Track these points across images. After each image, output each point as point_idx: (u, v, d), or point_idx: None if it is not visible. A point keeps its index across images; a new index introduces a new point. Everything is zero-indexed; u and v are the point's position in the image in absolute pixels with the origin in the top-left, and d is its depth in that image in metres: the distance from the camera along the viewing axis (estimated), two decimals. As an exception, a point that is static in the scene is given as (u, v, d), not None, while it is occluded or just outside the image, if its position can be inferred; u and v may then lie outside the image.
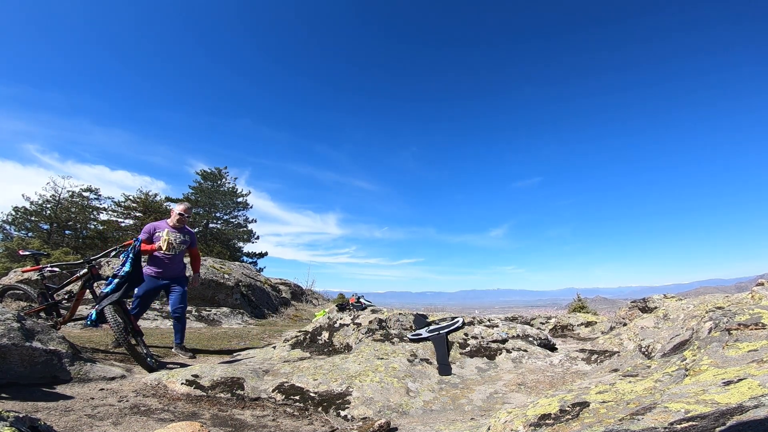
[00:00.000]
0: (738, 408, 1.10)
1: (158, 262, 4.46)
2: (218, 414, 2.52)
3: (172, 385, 2.88)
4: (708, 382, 1.46)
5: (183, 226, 4.66)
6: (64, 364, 2.92)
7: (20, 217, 24.33)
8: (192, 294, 8.20)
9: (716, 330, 2.01)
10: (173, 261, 4.54)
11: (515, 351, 3.61)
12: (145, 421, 2.26)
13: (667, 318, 3.69)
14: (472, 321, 4.34)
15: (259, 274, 12.71)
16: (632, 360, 2.88)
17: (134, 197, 26.32)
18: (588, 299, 13.85)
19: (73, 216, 25.96)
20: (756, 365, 1.50)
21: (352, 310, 5.53)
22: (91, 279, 3.92)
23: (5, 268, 15.99)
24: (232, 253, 26.39)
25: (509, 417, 1.69)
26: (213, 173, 29.42)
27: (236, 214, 29.59)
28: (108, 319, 3.46)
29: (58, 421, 2.13)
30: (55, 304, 4.18)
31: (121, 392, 2.81)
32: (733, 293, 3.83)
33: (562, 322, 5.77)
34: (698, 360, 1.76)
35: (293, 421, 2.50)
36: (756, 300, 2.46)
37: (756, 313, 2.01)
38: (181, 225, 4.63)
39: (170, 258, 4.49)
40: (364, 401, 2.68)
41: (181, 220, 4.61)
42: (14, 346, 2.70)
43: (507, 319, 6.64)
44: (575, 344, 4.34)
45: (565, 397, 1.72)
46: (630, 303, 5.35)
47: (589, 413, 1.51)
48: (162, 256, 4.45)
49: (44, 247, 20.76)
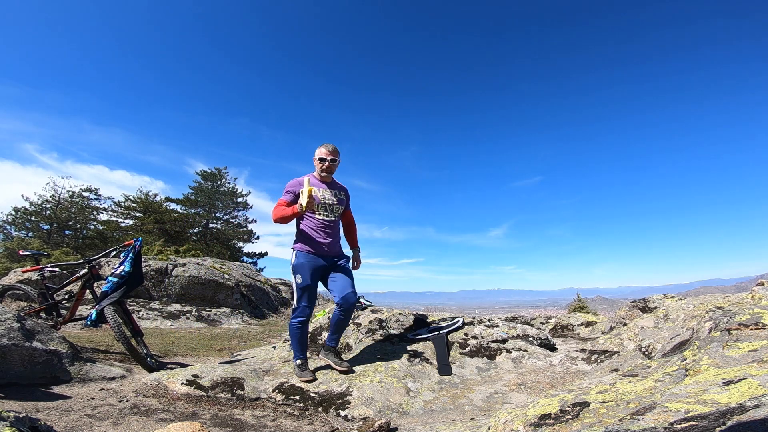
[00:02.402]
0: (738, 408, 1.10)
1: (309, 234, 3.17)
2: (218, 414, 2.52)
3: (172, 385, 2.88)
4: (708, 382, 1.46)
5: (332, 179, 3.35)
6: (64, 364, 2.92)
7: (20, 217, 24.35)
8: (191, 294, 8.21)
9: (716, 330, 2.01)
10: (332, 230, 3.24)
11: (515, 351, 3.61)
12: (145, 421, 2.26)
13: (667, 318, 3.69)
14: (472, 321, 4.34)
15: (259, 274, 12.71)
16: (632, 360, 2.88)
17: (134, 197, 26.33)
18: (588, 299, 13.86)
19: (73, 216, 25.97)
20: (756, 365, 1.50)
21: (352, 310, 5.53)
22: (91, 279, 3.92)
23: (5, 268, 16.00)
24: (232, 253, 26.40)
25: (509, 417, 1.69)
26: (213, 173, 29.43)
27: (236, 214, 29.61)
28: (108, 319, 3.46)
29: (58, 421, 2.13)
30: (55, 304, 4.18)
31: (121, 392, 2.81)
32: (733, 293, 3.83)
33: (562, 322, 5.77)
34: (698, 360, 1.76)
35: (293, 421, 2.50)
36: (756, 300, 2.46)
37: (756, 313, 2.01)
38: (330, 176, 3.29)
39: (326, 225, 3.20)
40: (364, 401, 2.68)
41: (329, 168, 3.23)
42: (14, 346, 2.70)
43: (507, 319, 6.64)
44: (575, 344, 4.34)
45: (565, 397, 1.72)
46: (630, 303, 5.35)
47: (590, 413, 1.51)
48: (314, 223, 3.17)
49: (44, 247, 20.77)
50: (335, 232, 3.30)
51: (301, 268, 3.14)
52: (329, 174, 3.27)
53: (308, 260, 3.14)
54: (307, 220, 3.21)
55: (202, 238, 26.48)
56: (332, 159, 3.22)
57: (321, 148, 3.23)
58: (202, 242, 25.51)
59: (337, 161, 3.26)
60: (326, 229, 3.20)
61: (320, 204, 3.18)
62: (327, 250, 3.20)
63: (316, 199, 3.14)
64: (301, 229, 3.23)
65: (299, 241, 3.22)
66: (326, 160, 3.21)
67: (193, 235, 26.73)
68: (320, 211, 3.19)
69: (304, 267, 3.13)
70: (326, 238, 3.19)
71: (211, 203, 28.29)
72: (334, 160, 3.23)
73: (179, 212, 26.81)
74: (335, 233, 3.30)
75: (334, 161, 3.24)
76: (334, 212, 3.25)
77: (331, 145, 3.24)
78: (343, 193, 3.37)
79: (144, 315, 6.97)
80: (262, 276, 12.50)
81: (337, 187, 3.34)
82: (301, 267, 3.14)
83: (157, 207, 25.80)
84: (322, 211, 3.20)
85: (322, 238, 3.18)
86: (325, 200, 3.21)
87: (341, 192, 3.36)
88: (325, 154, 3.20)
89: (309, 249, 3.17)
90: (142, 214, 25.34)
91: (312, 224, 3.19)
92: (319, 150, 3.24)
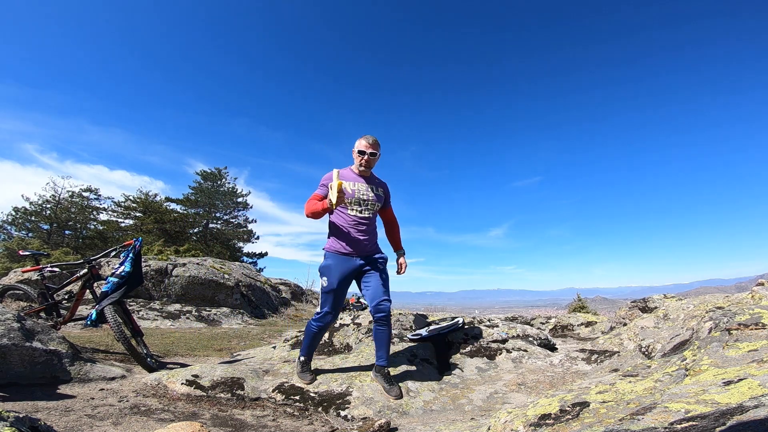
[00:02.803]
0: (738, 408, 1.10)
1: (340, 232, 2.91)
2: (218, 414, 2.52)
3: (172, 385, 2.88)
4: (708, 382, 1.46)
5: (371, 174, 3.10)
6: (64, 364, 2.92)
7: (20, 217, 24.37)
8: (191, 294, 8.21)
9: (716, 330, 2.01)
10: (366, 227, 2.95)
11: (515, 351, 3.61)
12: (145, 421, 2.26)
13: (667, 318, 3.69)
14: (472, 321, 4.34)
15: (259, 274, 12.72)
16: (632, 360, 2.88)
17: (134, 197, 26.35)
18: (588, 299, 13.86)
19: (73, 216, 25.99)
20: (756, 365, 1.50)
21: (352, 310, 5.54)
22: (91, 279, 3.92)
23: (5, 268, 16.00)
24: (232, 253, 26.41)
25: (509, 417, 1.69)
26: (213, 173, 29.45)
27: (236, 214, 29.62)
28: (108, 319, 3.46)
29: (58, 421, 2.13)
30: (55, 304, 4.17)
31: (121, 392, 2.81)
32: (733, 293, 3.83)
33: (562, 322, 5.77)
34: (698, 360, 1.76)
35: (293, 421, 2.50)
36: (756, 300, 2.46)
37: (756, 313, 2.01)
38: (368, 170, 3.03)
39: (360, 222, 2.92)
40: (364, 401, 2.68)
41: (368, 162, 2.96)
42: (14, 346, 2.70)
43: (507, 319, 6.64)
44: (575, 344, 4.34)
45: (565, 397, 1.72)
46: (630, 303, 5.35)
47: (590, 413, 1.51)
48: (346, 220, 2.90)
49: (44, 247, 20.77)
50: (370, 230, 2.99)
51: (327, 271, 2.91)
52: (368, 168, 3.00)
53: (337, 262, 2.89)
54: (338, 217, 2.94)
55: (202, 238, 26.49)
56: (372, 152, 2.94)
57: (361, 140, 2.96)
58: (202, 242, 25.52)
59: (377, 155, 2.99)
60: (360, 227, 2.91)
61: (353, 199, 2.90)
62: (359, 249, 2.91)
63: (348, 194, 2.87)
64: (332, 226, 2.97)
65: (329, 240, 2.98)
66: (365, 153, 2.93)
67: (193, 235, 26.75)
68: (353, 207, 2.91)
69: (331, 269, 2.89)
70: (359, 237, 2.90)
71: (211, 203, 28.31)
72: (374, 154, 2.96)
73: (179, 212, 26.83)
74: (370, 231, 2.99)
75: (374, 155, 2.96)
76: (370, 208, 2.96)
77: (371, 137, 2.96)
78: (381, 189, 3.08)
79: (144, 315, 6.97)
80: (262, 276, 12.51)
81: (375, 182, 3.07)
82: (327, 269, 2.91)
83: (157, 207, 25.81)
84: (355, 206, 2.91)
85: (354, 237, 2.88)
86: (360, 195, 2.92)
87: (379, 188, 3.08)
88: (365, 147, 2.93)
89: (339, 249, 2.91)
90: (142, 214, 25.35)
91: (344, 221, 2.91)
92: (358, 142, 2.97)
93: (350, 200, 2.89)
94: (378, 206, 3.02)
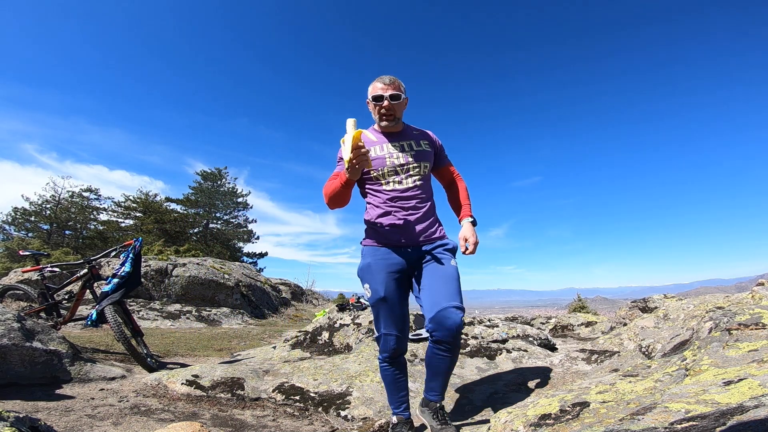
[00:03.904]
0: (738, 408, 1.10)
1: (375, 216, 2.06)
2: (218, 414, 2.52)
3: (173, 385, 2.88)
4: (708, 382, 1.46)
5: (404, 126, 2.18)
6: (64, 364, 2.92)
7: (20, 217, 24.38)
8: (191, 294, 8.21)
9: (716, 330, 2.01)
10: (410, 202, 2.04)
11: (515, 351, 3.61)
12: (146, 422, 2.26)
13: (668, 318, 3.69)
14: (472, 321, 4.34)
15: (259, 274, 12.72)
16: (632, 360, 2.88)
17: (134, 197, 26.38)
18: (588, 299, 13.86)
19: (73, 216, 26.00)
20: (756, 365, 1.50)
21: (353, 310, 5.53)
22: (91, 279, 3.92)
23: (5, 268, 15.99)
24: (232, 253, 26.42)
25: (509, 417, 1.69)
26: (213, 173, 29.47)
27: (236, 214, 29.65)
28: (108, 319, 3.46)
29: (59, 421, 2.13)
30: (55, 304, 4.18)
31: (122, 392, 2.81)
32: (733, 293, 3.83)
33: (562, 322, 5.77)
34: (698, 360, 1.76)
35: (293, 421, 2.50)
36: (756, 300, 2.46)
37: (756, 313, 2.01)
38: (395, 121, 2.10)
39: (399, 197, 2.04)
40: (365, 401, 2.68)
41: (391, 110, 2.04)
42: (14, 346, 2.70)
43: (507, 319, 6.64)
44: (575, 344, 4.34)
45: (566, 397, 1.72)
46: (630, 303, 5.35)
47: (590, 413, 1.51)
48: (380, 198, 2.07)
49: (44, 248, 20.76)
50: (422, 206, 2.06)
51: (367, 274, 2.03)
52: (393, 119, 2.07)
53: (377, 258, 2.02)
54: (371, 196, 2.11)
55: (202, 238, 26.49)
56: (393, 94, 2.01)
57: (375, 83, 2.06)
58: (202, 242, 25.52)
59: (403, 98, 2.06)
60: (404, 204, 2.02)
61: (385, 168, 2.04)
62: (409, 236, 2.02)
63: (376, 163, 2.05)
64: (368, 209, 2.12)
65: (366, 230, 2.14)
66: (383, 97, 2.01)
67: (193, 235, 26.76)
68: (388, 178, 2.04)
69: (372, 271, 2.00)
70: (406, 218, 2.01)
71: (211, 203, 28.32)
72: (397, 96, 2.02)
73: (179, 212, 26.85)
74: (419, 207, 2.04)
75: (398, 98, 2.03)
76: (414, 174, 2.05)
77: (387, 77, 2.04)
78: (425, 142, 2.14)
79: (144, 315, 6.98)
80: (262, 276, 12.51)
81: (412, 135, 2.15)
82: (367, 271, 2.03)
83: (157, 207, 25.82)
84: (392, 176, 2.04)
85: (393, 219, 2.01)
86: (393, 159, 2.05)
87: (421, 141, 2.14)
88: (381, 89, 2.02)
89: (375, 241, 2.07)
90: (142, 214, 25.36)
91: (378, 200, 2.07)
92: (371, 87, 2.07)
93: (382, 171, 2.04)
94: (427, 167, 2.11)
